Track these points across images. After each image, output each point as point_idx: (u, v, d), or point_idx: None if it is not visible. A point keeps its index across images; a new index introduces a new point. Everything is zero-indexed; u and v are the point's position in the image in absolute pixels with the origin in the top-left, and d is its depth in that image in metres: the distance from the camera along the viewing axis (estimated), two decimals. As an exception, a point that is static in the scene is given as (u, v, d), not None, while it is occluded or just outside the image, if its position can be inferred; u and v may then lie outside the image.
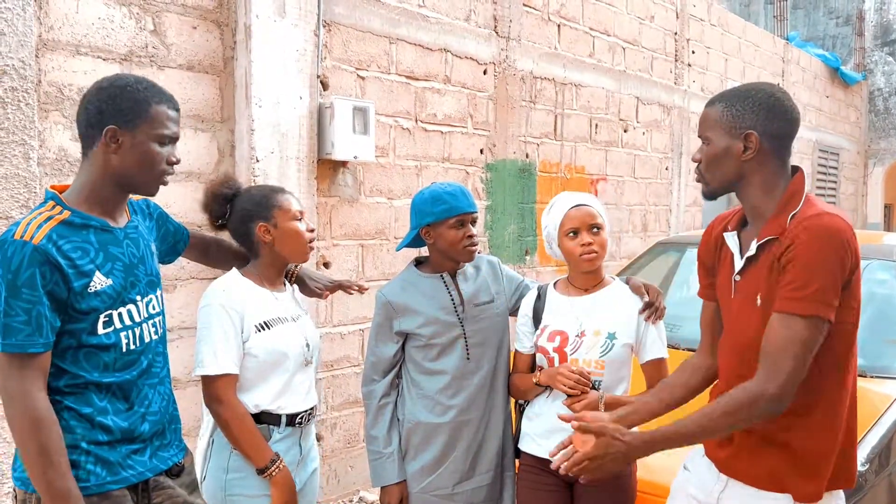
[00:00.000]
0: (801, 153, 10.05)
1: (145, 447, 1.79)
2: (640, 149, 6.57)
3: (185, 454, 1.94)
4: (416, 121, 4.40)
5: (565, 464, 1.73)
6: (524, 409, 2.39)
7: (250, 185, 2.28)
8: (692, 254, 4.03)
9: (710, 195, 1.84)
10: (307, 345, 2.17)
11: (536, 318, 2.31)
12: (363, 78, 4.05)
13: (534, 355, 2.33)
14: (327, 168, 3.86)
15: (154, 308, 1.85)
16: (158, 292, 1.89)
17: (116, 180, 1.73)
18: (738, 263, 1.78)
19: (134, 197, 1.90)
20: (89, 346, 1.68)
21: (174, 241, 2.10)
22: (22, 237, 1.59)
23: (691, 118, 7.27)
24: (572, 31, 5.68)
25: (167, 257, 2.10)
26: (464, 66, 4.70)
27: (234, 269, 2.16)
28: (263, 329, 2.07)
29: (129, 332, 1.75)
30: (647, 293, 2.24)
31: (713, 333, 1.96)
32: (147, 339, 1.81)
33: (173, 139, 1.77)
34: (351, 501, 4.08)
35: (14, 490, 1.72)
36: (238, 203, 2.17)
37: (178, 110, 1.79)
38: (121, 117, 1.68)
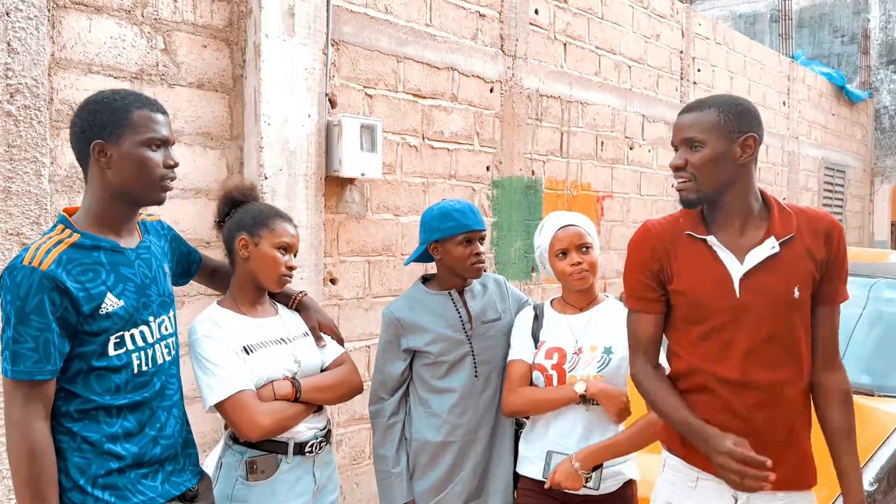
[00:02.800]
0: (808, 170, 10.05)
1: (157, 472, 1.75)
2: (645, 166, 6.59)
3: (199, 479, 1.89)
4: (423, 138, 4.42)
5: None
6: (519, 432, 2.37)
7: (264, 200, 2.20)
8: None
9: (698, 202, 1.82)
10: (297, 362, 2.07)
11: (535, 339, 2.30)
12: (371, 96, 4.09)
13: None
14: (335, 185, 3.89)
15: (167, 329, 1.83)
16: (171, 313, 1.86)
17: (118, 195, 1.69)
18: (737, 263, 1.79)
19: (149, 218, 1.89)
20: (100, 369, 1.66)
21: (188, 264, 2.08)
22: (30, 263, 1.57)
23: (697, 136, 7.27)
24: (578, 50, 5.72)
25: (181, 279, 2.08)
26: (470, 85, 4.73)
27: (214, 303, 2.09)
28: (246, 353, 2.00)
29: (142, 353, 1.73)
30: None
31: (659, 345, 1.96)
32: (160, 361, 1.78)
33: (164, 142, 1.72)
34: (356, 519, 4.07)
35: None
36: (239, 210, 2.12)
37: (164, 113, 1.74)
38: (104, 131, 1.65)
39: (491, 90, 4.89)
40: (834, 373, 1.82)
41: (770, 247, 1.78)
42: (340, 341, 2.27)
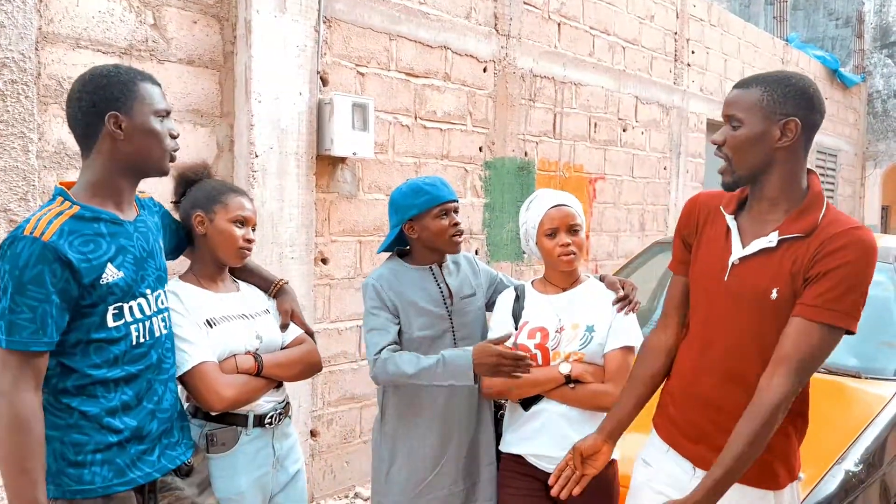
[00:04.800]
0: (800, 154, 10.06)
1: (154, 446, 1.77)
2: (638, 148, 6.58)
3: (193, 452, 1.91)
4: (416, 118, 4.40)
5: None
6: (501, 412, 2.38)
7: (221, 178, 2.20)
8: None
9: (733, 184, 1.75)
10: (259, 338, 2.08)
11: (516, 319, 2.29)
12: (363, 74, 4.05)
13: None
14: (326, 164, 3.87)
15: (162, 303, 1.84)
16: (166, 288, 1.89)
17: (128, 166, 1.72)
18: (740, 248, 1.74)
19: (141, 195, 1.90)
20: (99, 341, 1.67)
21: (178, 238, 2.09)
22: (32, 233, 1.57)
23: (690, 118, 7.28)
24: (572, 30, 5.69)
25: (172, 254, 2.09)
26: (464, 64, 4.70)
27: (175, 278, 2.08)
28: (209, 326, 2.01)
29: (140, 325, 1.74)
30: (622, 288, 2.25)
31: (681, 312, 1.92)
32: (157, 334, 1.80)
33: (167, 112, 1.77)
34: (346, 497, 4.09)
35: None
36: (193, 189, 2.13)
37: (159, 85, 1.78)
38: (116, 103, 1.67)
39: (484, 70, 4.86)
40: (768, 381, 1.63)
41: (769, 240, 1.69)
42: (311, 334, 2.25)
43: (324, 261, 3.91)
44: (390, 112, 4.23)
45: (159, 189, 2.19)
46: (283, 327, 2.18)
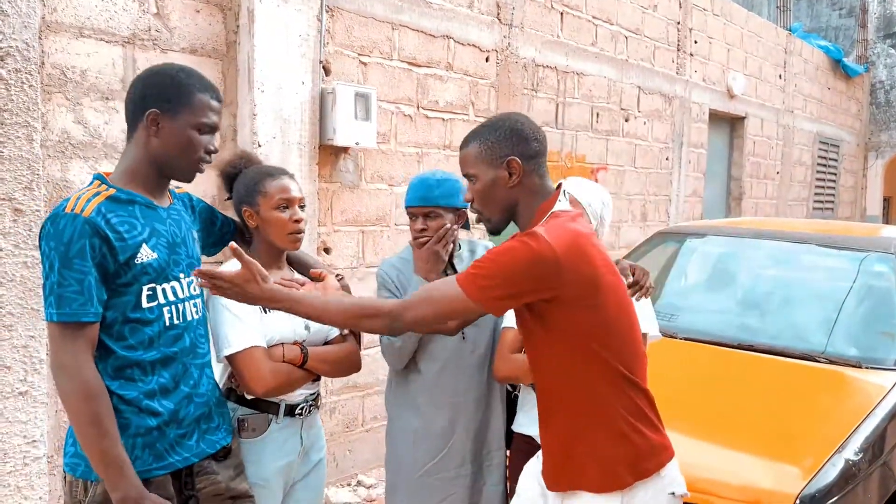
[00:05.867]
0: (802, 145, 10.06)
1: (192, 431, 1.80)
2: (640, 138, 6.57)
3: (232, 437, 1.94)
4: (418, 107, 4.40)
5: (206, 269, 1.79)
6: (515, 394, 2.40)
7: (259, 163, 2.25)
8: (692, 244, 4.05)
9: (495, 230, 1.90)
10: (307, 328, 2.13)
11: None
12: (365, 64, 4.05)
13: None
14: (329, 154, 3.87)
15: (195, 290, 1.88)
16: (225, 266, 1.93)
17: (155, 163, 1.78)
18: None
19: (177, 190, 1.94)
20: (134, 321, 1.72)
21: (221, 234, 2.12)
22: (73, 210, 1.64)
23: (692, 108, 7.27)
24: (575, 20, 5.67)
25: (214, 248, 2.12)
26: (466, 54, 4.69)
27: (234, 259, 2.15)
28: (263, 311, 2.04)
29: (172, 307, 1.79)
30: (633, 273, 2.25)
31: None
32: (189, 318, 1.84)
33: (213, 129, 1.81)
34: (349, 485, 4.12)
35: (64, 475, 1.75)
36: (235, 184, 2.15)
37: (220, 101, 1.82)
38: (163, 102, 1.73)
39: (487, 59, 4.86)
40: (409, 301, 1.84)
41: None
42: (357, 333, 2.30)
43: (326, 250, 3.92)
44: (393, 102, 4.23)
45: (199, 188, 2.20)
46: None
